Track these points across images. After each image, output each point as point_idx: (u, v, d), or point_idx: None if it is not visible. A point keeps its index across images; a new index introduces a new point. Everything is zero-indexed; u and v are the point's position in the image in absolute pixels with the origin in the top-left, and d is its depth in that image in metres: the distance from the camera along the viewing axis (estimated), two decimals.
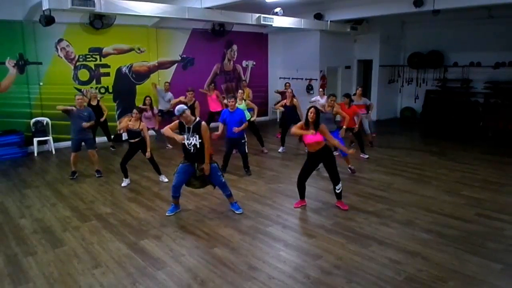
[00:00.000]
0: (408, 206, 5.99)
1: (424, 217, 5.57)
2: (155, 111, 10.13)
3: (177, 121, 5.53)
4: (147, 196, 6.64)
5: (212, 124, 9.99)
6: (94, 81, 10.71)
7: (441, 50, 12.77)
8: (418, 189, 6.78)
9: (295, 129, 5.71)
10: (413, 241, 4.83)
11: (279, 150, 9.59)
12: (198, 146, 5.39)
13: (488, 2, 8.89)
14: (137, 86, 11.49)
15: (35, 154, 9.58)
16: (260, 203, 6.20)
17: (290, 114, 9.28)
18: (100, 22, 10.27)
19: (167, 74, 12.04)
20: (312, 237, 5.01)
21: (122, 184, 7.17)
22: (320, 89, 11.02)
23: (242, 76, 13.90)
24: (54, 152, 9.78)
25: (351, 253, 4.57)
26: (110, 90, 10.98)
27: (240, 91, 9.67)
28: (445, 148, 9.88)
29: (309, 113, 5.55)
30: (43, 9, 7.34)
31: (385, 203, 6.14)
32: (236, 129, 7.42)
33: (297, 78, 13.72)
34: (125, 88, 11.20)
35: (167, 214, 5.76)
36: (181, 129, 5.49)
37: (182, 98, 9.82)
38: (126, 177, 7.24)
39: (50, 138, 9.87)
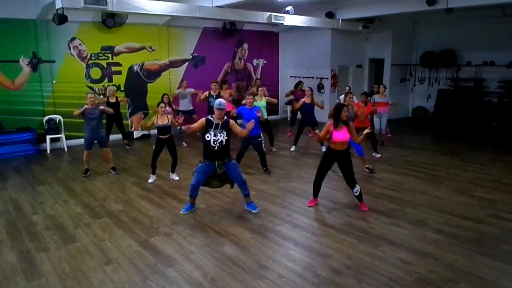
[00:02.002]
0: (420, 206, 5.94)
1: (436, 218, 5.52)
2: (174, 107, 10.26)
3: (203, 119, 5.52)
4: (158, 193, 6.68)
5: None
6: (106, 79, 10.81)
7: (454, 49, 12.63)
8: (430, 189, 6.72)
9: (323, 132, 5.65)
10: (424, 242, 4.79)
11: (291, 149, 9.56)
12: (224, 143, 5.41)
13: (502, 1, 8.77)
14: (148, 84, 11.57)
15: (48, 152, 9.70)
16: (271, 202, 6.20)
17: (309, 113, 9.25)
18: (112, 20, 10.35)
19: (178, 73, 12.10)
20: (322, 237, 4.99)
21: (149, 180, 7.25)
22: (347, 87, 10.00)
23: (253, 74, 13.90)
24: (66, 149, 9.89)
25: (361, 253, 4.54)
26: (122, 89, 11.06)
27: (261, 88, 9.60)
28: (458, 148, 9.78)
29: (343, 112, 5.51)
30: (56, 8, 7.42)
31: (396, 203, 6.09)
32: (250, 124, 7.35)
33: (308, 77, 13.68)
34: (136, 87, 11.28)
35: (181, 212, 5.77)
36: (207, 126, 5.44)
37: (206, 93, 9.94)
38: (154, 173, 7.30)
39: (62, 135, 9.98)
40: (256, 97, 9.07)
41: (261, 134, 7.67)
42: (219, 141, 5.39)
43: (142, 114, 11.46)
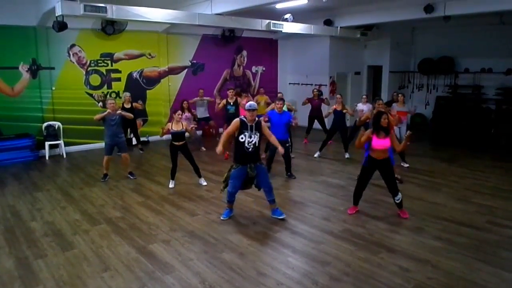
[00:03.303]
0: (418, 213, 5.94)
1: (434, 225, 5.51)
2: (193, 111, 10.38)
3: (237, 120, 5.49)
4: (156, 200, 6.67)
5: None
6: (106, 86, 10.83)
7: (452, 56, 12.69)
8: (428, 196, 6.72)
9: (363, 138, 5.58)
10: (423, 249, 4.79)
11: (315, 156, 9.55)
12: (257, 144, 5.46)
13: (500, 8, 8.82)
14: (147, 91, 11.60)
15: (47, 158, 9.69)
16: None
17: (340, 120, 9.30)
18: (111, 27, 10.40)
19: (177, 80, 12.14)
20: (320, 244, 4.99)
21: (170, 186, 7.30)
22: (364, 96, 10.04)
23: (252, 81, 13.94)
24: (65, 156, 9.89)
25: (360, 260, 4.54)
26: (121, 95, 11.06)
27: (279, 93, 9.59)
28: (456, 155, 9.79)
29: (382, 119, 5.47)
30: (56, 15, 7.45)
31: (395, 210, 6.08)
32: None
33: (306, 84, 13.72)
34: (136, 93, 11.23)
35: (222, 218, 5.75)
36: (242, 128, 5.42)
37: (224, 100, 10.05)
38: (173, 178, 7.37)
39: (61, 142, 9.98)
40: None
41: (289, 140, 7.66)
42: (253, 142, 5.43)
43: (141, 121, 11.46)
